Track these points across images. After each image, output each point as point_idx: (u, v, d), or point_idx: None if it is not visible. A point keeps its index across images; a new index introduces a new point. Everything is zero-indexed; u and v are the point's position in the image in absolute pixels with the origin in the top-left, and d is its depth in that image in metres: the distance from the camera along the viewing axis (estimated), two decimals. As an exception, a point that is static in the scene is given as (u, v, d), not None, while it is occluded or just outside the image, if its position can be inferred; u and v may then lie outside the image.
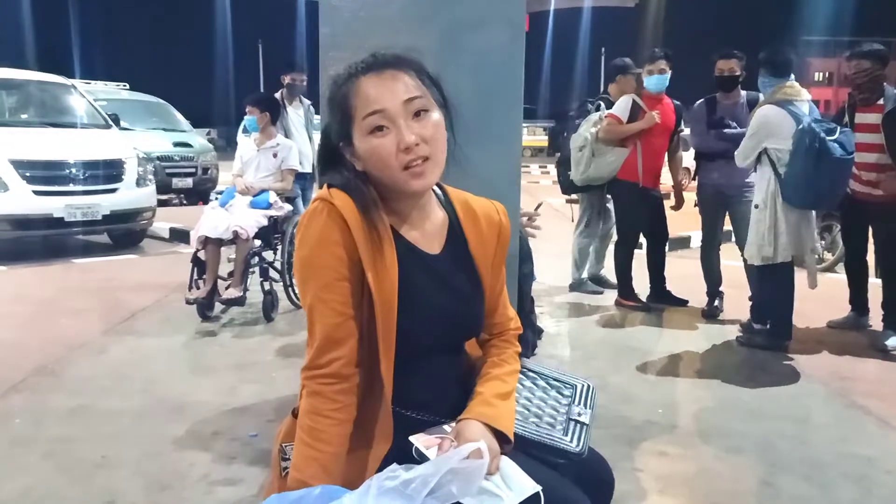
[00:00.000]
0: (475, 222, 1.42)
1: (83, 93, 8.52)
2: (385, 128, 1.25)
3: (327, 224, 1.25)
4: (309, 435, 1.25)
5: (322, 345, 1.27)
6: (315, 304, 1.27)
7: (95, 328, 4.51)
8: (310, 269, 1.27)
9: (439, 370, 1.41)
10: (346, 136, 1.30)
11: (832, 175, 3.95)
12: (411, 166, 1.25)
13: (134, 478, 2.59)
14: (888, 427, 3.19)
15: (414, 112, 1.26)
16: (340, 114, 1.29)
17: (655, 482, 2.64)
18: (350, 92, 1.28)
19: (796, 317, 4.79)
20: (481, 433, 1.28)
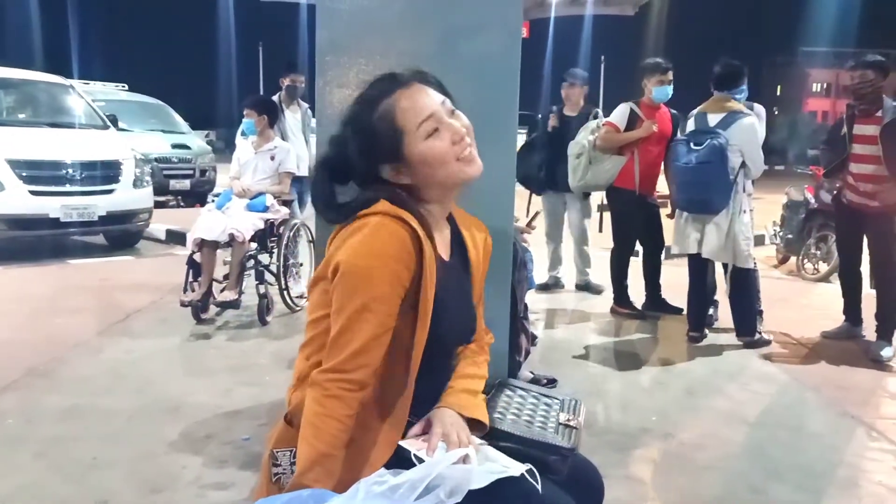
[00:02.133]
0: (471, 233, 1.54)
1: (81, 93, 8.52)
2: (438, 130, 1.37)
3: (393, 238, 1.31)
4: (318, 438, 1.26)
5: (359, 351, 1.28)
6: (363, 314, 1.28)
7: (90, 329, 4.50)
8: (365, 279, 1.29)
9: (441, 374, 1.48)
10: (395, 152, 1.37)
11: (675, 178, 4.66)
12: (462, 157, 1.38)
13: (126, 479, 2.59)
14: (880, 436, 3.20)
15: (450, 111, 1.40)
16: (389, 133, 1.37)
17: (648, 489, 2.65)
18: (391, 111, 1.37)
19: (792, 326, 4.82)
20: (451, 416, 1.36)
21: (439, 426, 1.33)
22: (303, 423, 1.29)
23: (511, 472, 1.24)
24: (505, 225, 1.85)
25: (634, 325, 5.05)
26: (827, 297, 5.55)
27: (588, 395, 3.52)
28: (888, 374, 4.11)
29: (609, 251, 5.44)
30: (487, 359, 1.60)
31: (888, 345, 4.36)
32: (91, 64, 46.45)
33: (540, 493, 1.24)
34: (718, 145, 4.22)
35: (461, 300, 1.47)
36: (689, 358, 4.33)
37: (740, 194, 4.33)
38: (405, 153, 1.37)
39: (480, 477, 1.20)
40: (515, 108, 1.79)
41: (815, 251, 7.13)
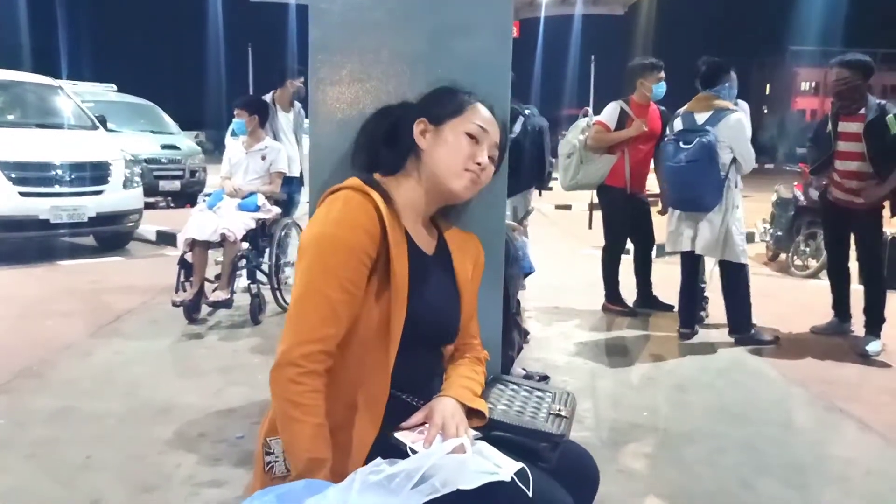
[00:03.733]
0: (458, 245, 1.61)
1: (70, 94, 8.48)
2: (476, 141, 1.48)
3: (359, 208, 1.37)
4: (311, 414, 1.29)
5: (324, 318, 1.32)
6: (327, 278, 1.33)
7: (81, 330, 4.49)
8: (327, 246, 1.35)
9: (428, 363, 1.51)
10: (440, 119, 1.49)
11: (666, 177, 4.68)
12: (470, 173, 1.47)
13: (119, 479, 2.59)
14: (868, 430, 3.24)
15: (490, 154, 1.51)
16: (452, 105, 1.50)
17: (639, 484, 2.67)
18: (468, 102, 1.51)
19: (780, 322, 4.86)
20: (453, 407, 1.39)
21: (439, 417, 1.35)
22: (284, 404, 1.30)
23: (501, 477, 1.24)
24: (497, 222, 1.86)
25: (626, 322, 5.08)
26: (816, 293, 5.60)
27: (580, 391, 3.54)
28: (875, 369, 4.15)
29: (600, 249, 5.47)
30: (485, 371, 1.62)
31: (875, 339, 4.40)
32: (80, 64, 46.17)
33: (529, 496, 1.25)
34: (707, 143, 4.26)
35: (442, 295, 1.50)
36: (679, 354, 4.36)
37: (732, 190, 4.38)
38: (444, 125, 1.48)
39: (471, 478, 1.20)
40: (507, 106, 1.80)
41: (804, 248, 7.19)
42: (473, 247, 1.64)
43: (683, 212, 4.54)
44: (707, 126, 4.34)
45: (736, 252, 4.40)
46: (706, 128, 4.33)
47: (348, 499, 1.05)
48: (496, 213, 1.86)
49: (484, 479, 1.22)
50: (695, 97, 4.57)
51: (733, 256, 4.41)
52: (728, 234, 4.37)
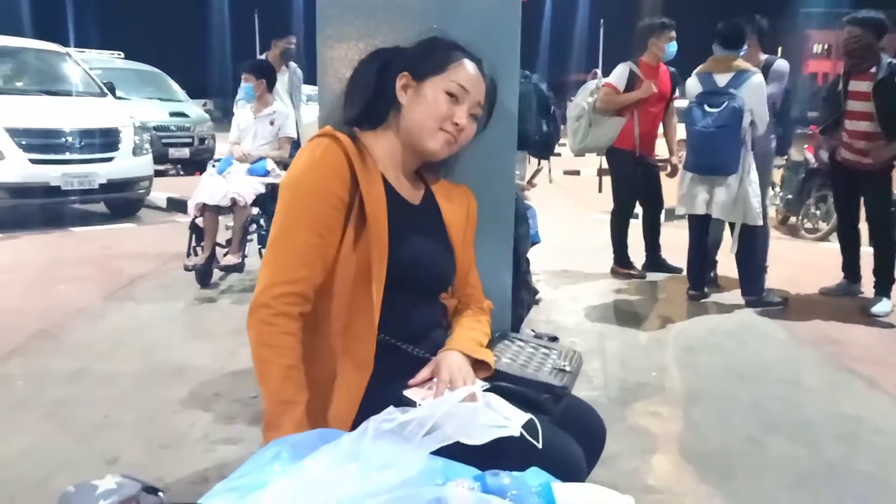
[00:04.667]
0: (447, 197, 1.60)
1: (78, 61, 8.45)
2: (456, 100, 1.45)
3: (328, 153, 1.38)
4: (282, 356, 1.33)
5: (296, 260, 1.35)
6: (297, 221, 1.36)
7: (94, 295, 4.54)
8: (296, 191, 1.38)
9: (422, 310, 1.51)
10: (422, 75, 1.46)
11: (692, 142, 4.46)
12: (444, 133, 1.45)
13: (135, 438, 2.64)
14: (877, 388, 3.25)
15: (474, 114, 1.49)
16: (434, 62, 1.47)
17: (648, 441, 2.70)
18: (454, 58, 1.48)
19: (790, 284, 4.85)
20: (459, 360, 1.39)
21: (446, 372, 1.36)
22: (257, 346, 1.35)
23: (510, 431, 1.25)
24: (506, 181, 1.86)
25: (634, 284, 5.09)
26: (826, 255, 5.59)
27: (589, 352, 3.57)
28: (885, 329, 4.16)
29: (608, 214, 5.46)
30: (489, 320, 1.63)
31: (885, 300, 4.40)
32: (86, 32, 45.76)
33: (539, 448, 1.27)
34: (738, 108, 4.17)
35: (430, 243, 1.50)
36: (688, 316, 4.37)
37: (749, 153, 4.30)
38: (425, 81, 1.46)
39: (480, 433, 1.22)
40: (516, 64, 1.79)
41: (815, 211, 7.15)
42: (464, 197, 1.64)
43: (699, 175, 4.50)
44: (730, 89, 4.25)
45: (753, 215, 4.34)
46: (731, 91, 4.24)
47: (362, 446, 1.07)
48: (505, 170, 1.86)
49: (493, 434, 1.23)
50: (711, 58, 4.47)
51: (750, 219, 4.35)
52: (745, 197, 4.31)
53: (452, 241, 1.56)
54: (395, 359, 1.42)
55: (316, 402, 1.36)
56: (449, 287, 1.61)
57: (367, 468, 1.01)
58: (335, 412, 1.37)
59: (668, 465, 2.56)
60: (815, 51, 60.39)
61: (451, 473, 1.02)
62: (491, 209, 1.76)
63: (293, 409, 1.32)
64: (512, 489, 0.94)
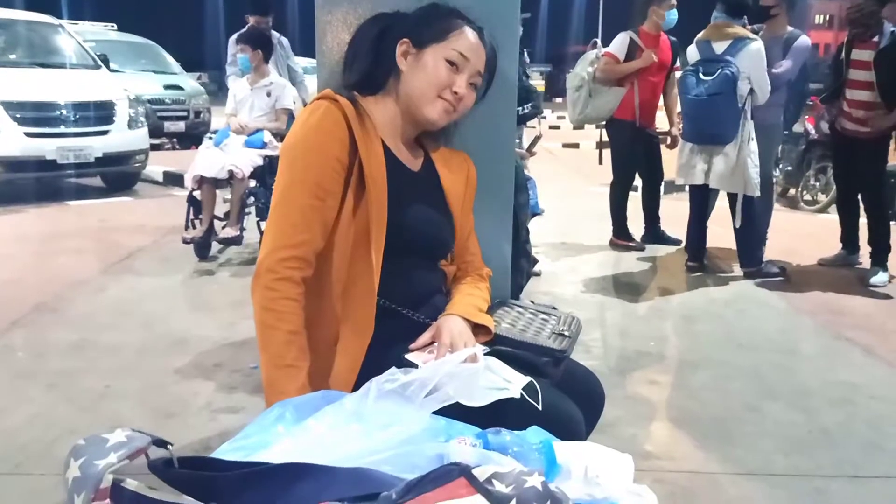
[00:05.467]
0: (446, 164, 1.59)
1: (71, 33, 8.36)
2: (456, 68, 1.44)
3: (327, 115, 1.38)
4: (285, 321, 1.34)
5: (296, 223, 1.35)
6: (296, 185, 1.36)
7: (93, 267, 4.54)
8: (297, 153, 1.38)
9: (421, 275, 1.52)
10: (422, 42, 1.45)
11: (686, 110, 4.49)
12: (443, 101, 1.44)
13: (139, 406, 2.66)
14: (874, 356, 3.28)
15: (473, 83, 1.48)
16: (436, 30, 1.45)
17: (647, 408, 2.73)
18: (455, 26, 1.46)
19: (789, 255, 4.86)
20: (460, 325, 1.40)
21: (447, 336, 1.36)
22: (260, 311, 1.35)
23: (511, 393, 1.26)
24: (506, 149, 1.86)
25: (634, 256, 5.10)
26: (824, 226, 5.60)
27: (588, 322, 3.55)
28: (882, 299, 4.18)
29: (608, 186, 5.45)
30: (488, 287, 1.63)
31: (882, 271, 4.41)
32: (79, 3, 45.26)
33: (539, 409, 1.27)
34: (731, 75, 4.12)
35: (429, 208, 1.50)
36: (687, 287, 4.39)
37: (748, 122, 4.25)
38: (426, 48, 1.45)
39: (481, 395, 1.22)
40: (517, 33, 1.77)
41: (815, 182, 7.15)
42: (464, 163, 1.63)
43: (698, 144, 4.47)
44: (727, 56, 4.22)
45: (752, 185, 4.31)
46: (727, 58, 4.21)
47: (364, 406, 1.08)
48: (505, 138, 1.85)
49: (493, 396, 1.24)
50: (711, 25, 4.42)
51: (749, 190, 4.32)
52: (744, 167, 4.27)
53: (451, 208, 1.56)
54: (395, 323, 1.42)
55: (317, 365, 1.37)
56: (448, 253, 1.61)
57: (370, 427, 1.02)
58: (336, 375, 1.38)
59: (667, 431, 2.59)
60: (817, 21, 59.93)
61: (453, 432, 1.03)
62: (491, 177, 1.75)
63: (296, 373, 1.32)
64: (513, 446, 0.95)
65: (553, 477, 0.97)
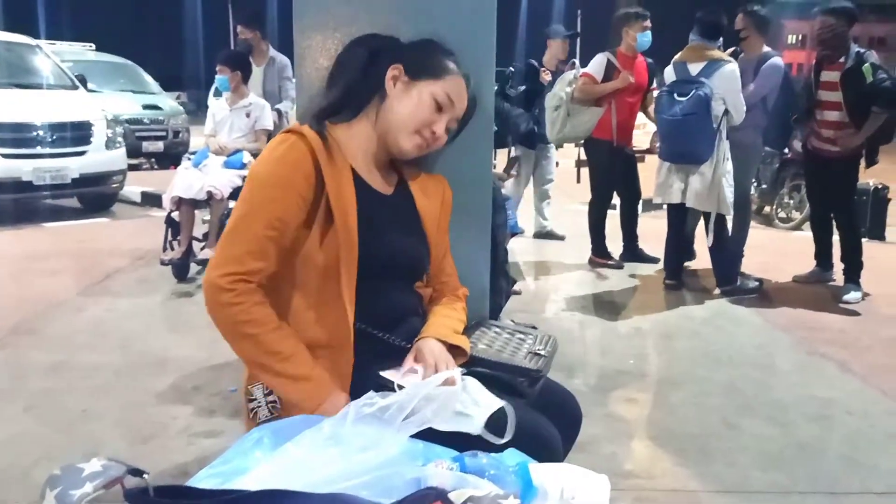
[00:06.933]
0: (422, 187, 1.60)
1: (49, 53, 8.31)
2: (441, 113, 1.47)
3: (293, 149, 1.38)
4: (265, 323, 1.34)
5: (252, 252, 1.34)
6: (256, 214, 1.35)
7: (71, 289, 4.49)
8: (259, 183, 1.38)
9: (397, 298, 1.52)
10: (417, 73, 1.47)
11: (661, 130, 4.62)
12: (420, 137, 1.47)
13: (116, 429, 2.63)
14: (848, 372, 3.33)
15: (448, 126, 1.51)
16: (435, 66, 1.48)
17: (626, 426, 2.75)
18: (450, 71, 1.49)
19: (765, 272, 4.92)
20: (439, 347, 1.41)
21: (430, 357, 1.37)
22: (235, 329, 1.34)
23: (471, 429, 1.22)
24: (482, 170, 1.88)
25: (612, 274, 5.13)
26: (800, 244, 5.67)
27: (568, 341, 3.61)
28: (855, 316, 4.24)
29: (587, 204, 5.50)
30: (465, 308, 1.64)
31: (855, 288, 4.49)
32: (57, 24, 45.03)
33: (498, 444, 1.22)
34: (704, 96, 4.20)
35: (402, 231, 1.51)
36: (665, 304, 4.43)
37: (724, 142, 4.32)
38: (418, 81, 1.47)
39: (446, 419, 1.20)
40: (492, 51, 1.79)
41: (789, 200, 7.26)
42: (439, 186, 1.63)
43: (674, 164, 4.53)
44: (701, 77, 4.29)
45: (726, 204, 4.36)
46: (701, 79, 4.28)
47: (343, 430, 1.08)
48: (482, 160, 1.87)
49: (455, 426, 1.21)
50: (687, 46, 4.50)
51: (723, 209, 4.38)
52: (719, 186, 4.33)
53: (426, 230, 1.56)
54: (371, 346, 1.42)
55: None
56: (424, 275, 1.62)
57: (348, 451, 1.02)
58: None
59: (646, 448, 2.61)
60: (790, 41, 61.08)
61: (430, 455, 1.04)
62: (468, 198, 1.77)
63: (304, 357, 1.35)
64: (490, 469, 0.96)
65: (529, 499, 0.98)
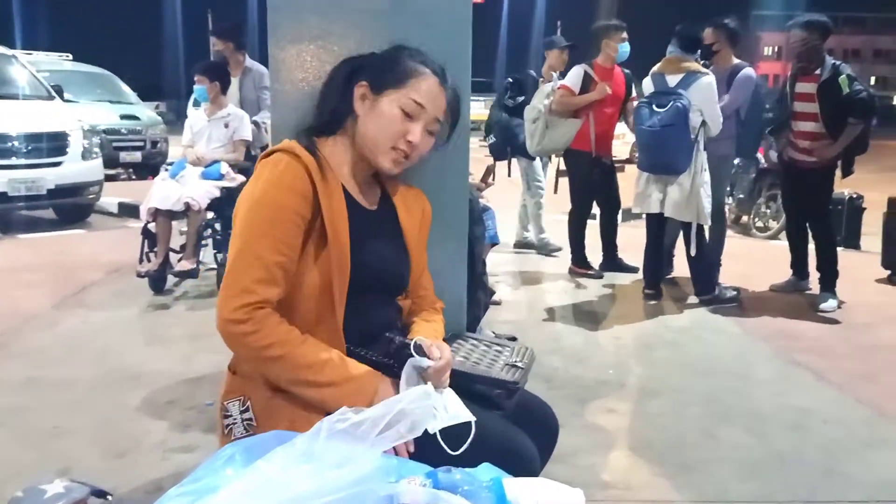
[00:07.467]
0: (403, 200, 1.59)
1: (24, 63, 8.23)
2: (411, 117, 1.43)
3: (288, 170, 1.36)
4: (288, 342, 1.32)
5: (262, 279, 1.32)
6: (261, 241, 1.33)
7: (45, 301, 4.42)
8: (261, 207, 1.35)
9: (379, 312, 1.51)
10: (380, 87, 1.44)
11: (640, 141, 4.66)
12: (395, 152, 1.44)
13: (89, 445, 2.58)
14: (825, 380, 3.36)
15: (431, 130, 1.47)
16: (395, 75, 1.44)
17: (605, 437, 2.74)
18: (416, 72, 1.45)
19: (742, 281, 4.97)
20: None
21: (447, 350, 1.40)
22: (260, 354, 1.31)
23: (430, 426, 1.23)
24: (459, 181, 1.88)
25: (592, 284, 5.15)
26: (776, 253, 5.73)
27: (548, 351, 3.60)
28: (831, 324, 4.28)
29: (566, 214, 5.53)
30: (443, 320, 1.65)
31: (831, 297, 4.54)
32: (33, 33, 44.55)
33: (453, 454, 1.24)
34: (683, 107, 4.24)
35: (387, 247, 1.51)
36: (644, 314, 4.45)
37: (701, 153, 4.37)
38: (383, 95, 1.44)
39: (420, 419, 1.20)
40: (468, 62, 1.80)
41: (766, 210, 7.34)
42: (419, 200, 1.63)
43: (652, 174, 4.56)
44: (679, 89, 4.34)
45: (703, 215, 4.42)
46: (679, 91, 4.33)
47: (315, 446, 1.07)
48: (458, 170, 1.87)
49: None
50: (665, 59, 4.54)
51: (702, 219, 4.43)
52: (697, 196, 4.38)
53: (408, 244, 1.56)
54: None
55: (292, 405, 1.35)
56: (405, 289, 1.61)
57: (321, 467, 1.01)
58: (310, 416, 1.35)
59: (625, 459, 2.61)
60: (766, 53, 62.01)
61: (404, 471, 1.03)
62: (445, 209, 1.77)
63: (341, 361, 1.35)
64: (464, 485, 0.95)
65: (504, 514, 0.97)
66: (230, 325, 1.30)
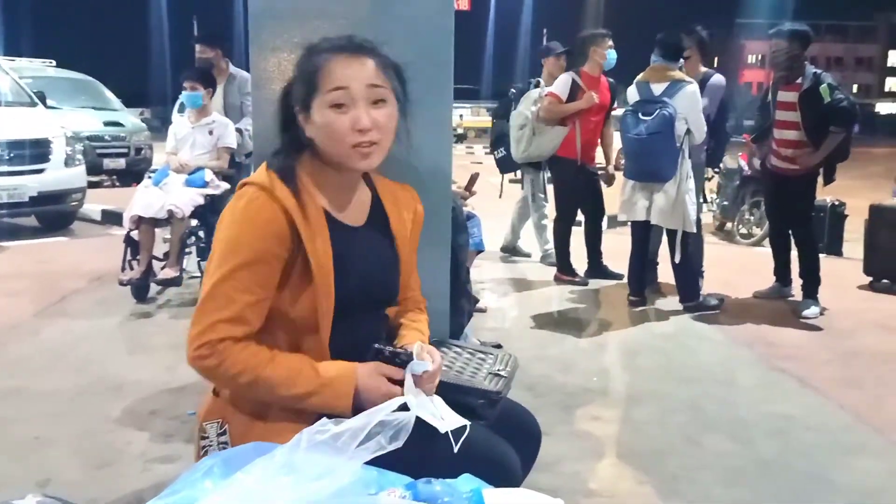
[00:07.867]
0: (395, 203, 1.53)
1: (7, 69, 8.16)
2: (344, 106, 1.32)
3: (263, 210, 1.31)
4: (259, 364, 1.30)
5: (232, 319, 1.30)
6: (233, 282, 1.30)
7: (27, 310, 4.37)
8: (234, 248, 1.31)
9: (368, 327, 1.48)
10: (306, 104, 1.36)
11: (626, 149, 4.65)
12: (360, 146, 1.33)
13: (70, 456, 2.55)
14: (807, 387, 3.37)
15: (374, 100, 1.34)
16: (306, 83, 1.36)
17: (590, 444, 2.74)
18: (320, 65, 1.34)
19: (726, 288, 4.99)
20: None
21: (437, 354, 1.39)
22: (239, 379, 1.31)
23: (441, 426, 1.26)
24: (443, 188, 1.88)
25: (577, 291, 5.16)
26: (760, 260, 5.77)
27: (533, 359, 3.60)
28: (814, 331, 4.31)
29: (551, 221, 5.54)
30: (426, 318, 1.63)
31: (813, 303, 4.57)
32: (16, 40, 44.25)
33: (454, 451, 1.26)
34: (668, 116, 4.27)
35: (376, 262, 1.47)
36: (629, 321, 4.46)
37: (686, 161, 4.40)
38: (310, 107, 1.35)
39: None
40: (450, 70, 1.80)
41: (749, 217, 7.39)
42: (412, 200, 1.57)
43: (638, 182, 4.58)
44: (664, 97, 4.36)
45: (689, 222, 4.44)
46: (665, 99, 4.35)
47: (295, 457, 1.06)
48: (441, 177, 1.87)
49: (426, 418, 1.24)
50: (649, 67, 4.56)
51: (687, 226, 4.45)
52: (683, 203, 4.40)
53: (399, 251, 1.52)
54: None
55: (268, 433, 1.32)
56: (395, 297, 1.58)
57: (300, 479, 1.00)
58: None
59: (610, 467, 2.61)
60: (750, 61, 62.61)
61: (384, 483, 1.02)
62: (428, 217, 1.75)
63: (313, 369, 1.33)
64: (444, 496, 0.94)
65: (484, 525, 0.97)
66: (196, 362, 1.31)
